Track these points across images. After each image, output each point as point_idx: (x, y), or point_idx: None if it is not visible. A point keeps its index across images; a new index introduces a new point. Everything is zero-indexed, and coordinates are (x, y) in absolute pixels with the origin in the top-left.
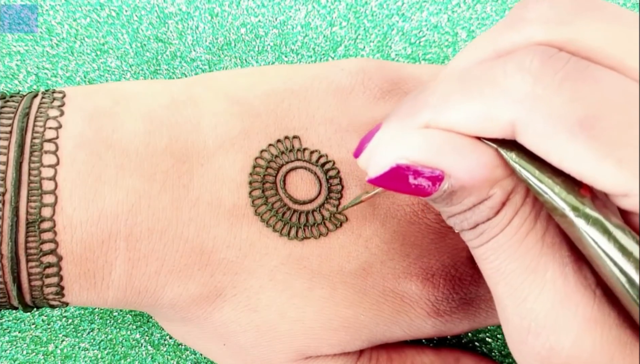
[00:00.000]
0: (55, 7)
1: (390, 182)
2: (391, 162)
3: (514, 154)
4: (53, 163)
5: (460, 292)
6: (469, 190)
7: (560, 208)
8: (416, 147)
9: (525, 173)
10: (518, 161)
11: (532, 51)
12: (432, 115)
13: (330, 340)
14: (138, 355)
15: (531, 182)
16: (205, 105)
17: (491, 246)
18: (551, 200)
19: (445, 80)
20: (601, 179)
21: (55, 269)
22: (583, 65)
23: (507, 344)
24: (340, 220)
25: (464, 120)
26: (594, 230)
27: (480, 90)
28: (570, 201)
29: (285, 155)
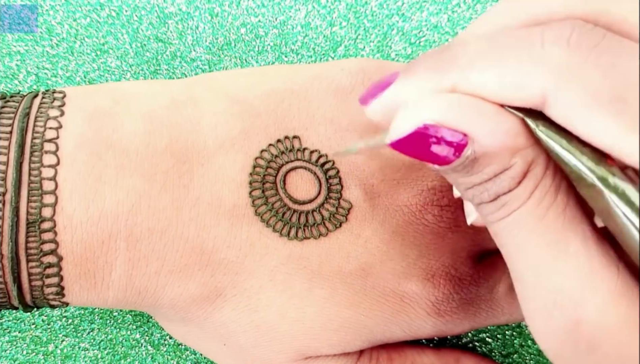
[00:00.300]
0: (55, 7)
1: (412, 147)
2: (416, 123)
3: (540, 123)
4: (53, 164)
5: (461, 292)
6: (491, 157)
7: (588, 178)
8: (441, 109)
9: (552, 143)
10: (544, 130)
11: (571, 23)
12: (461, 76)
13: (330, 340)
14: (138, 355)
15: (557, 151)
16: (205, 105)
17: (512, 219)
18: (578, 170)
19: (476, 41)
20: (629, 152)
21: (55, 269)
22: (617, 40)
23: (507, 345)
24: (340, 220)
25: (494, 85)
26: (622, 199)
27: (515, 55)
28: (599, 171)
29: (285, 155)
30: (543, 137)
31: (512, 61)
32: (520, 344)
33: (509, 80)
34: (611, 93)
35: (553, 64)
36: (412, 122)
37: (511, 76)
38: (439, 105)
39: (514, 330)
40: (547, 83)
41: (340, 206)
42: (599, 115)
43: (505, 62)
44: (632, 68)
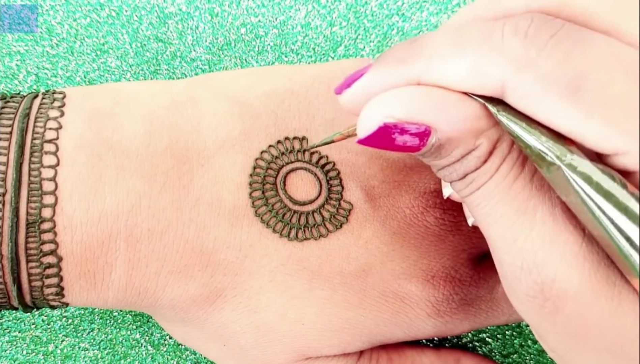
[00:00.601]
0: (55, 7)
1: (379, 141)
2: (378, 121)
3: (500, 108)
4: (53, 164)
5: (461, 293)
6: (455, 142)
7: (548, 157)
8: (402, 105)
9: (511, 125)
10: (504, 115)
11: (530, 16)
12: (425, 66)
13: (330, 341)
14: (138, 355)
15: (518, 133)
16: (205, 106)
17: (481, 193)
18: (538, 149)
19: (442, 32)
20: (588, 137)
21: (55, 269)
22: (576, 29)
23: (507, 345)
24: (340, 221)
25: (456, 75)
26: (579, 176)
27: (475, 46)
28: (557, 149)
29: (285, 156)
30: (503, 120)
31: (473, 52)
32: (520, 344)
33: (469, 70)
34: (567, 81)
35: (510, 55)
36: (374, 120)
37: (471, 65)
38: (398, 102)
39: (514, 330)
40: (505, 73)
41: (341, 207)
42: (556, 104)
43: (466, 52)
44: (589, 56)
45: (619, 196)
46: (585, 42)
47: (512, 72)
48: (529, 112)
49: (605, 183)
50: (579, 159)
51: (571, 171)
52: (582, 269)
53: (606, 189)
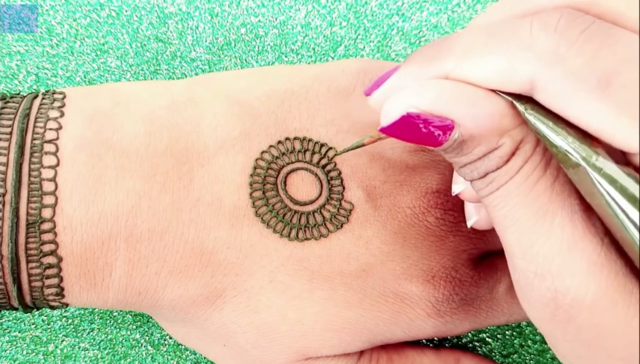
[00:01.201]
0: (55, 7)
1: (401, 131)
2: (402, 110)
3: (528, 106)
4: (53, 164)
5: (461, 293)
6: (478, 139)
7: (573, 157)
8: (427, 96)
9: (538, 125)
10: (532, 113)
11: (559, 11)
12: (454, 64)
13: (330, 341)
14: (138, 355)
15: (544, 132)
16: (205, 106)
17: (500, 193)
18: (564, 150)
19: (471, 31)
20: (616, 136)
21: (55, 270)
22: (606, 26)
23: (507, 345)
24: (341, 221)
25: (485, 73)
26: (605, 178)
27: (504, 44)
28: (584, 151)
29: (286, 156)
30: (530, 118)
31: (501, 49)
32: (520, 344)
33: (498, 68)
34: (597, 78)
35: (539, 51)
36: (398, 109)
37: (501, 63)
38: (423, 93)
39: (514, 330)
40: (534, 70)
41: (342, 208)
42: (585, 100)
43: (494, 49)
44: (620, 53)
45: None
46: (616, 39)
47: (541, 68)
48: (558, 109)
49: (630, 186)
50: (604, 161)
51: (596, 172)
52: (599, 277)
53: (631, 192)
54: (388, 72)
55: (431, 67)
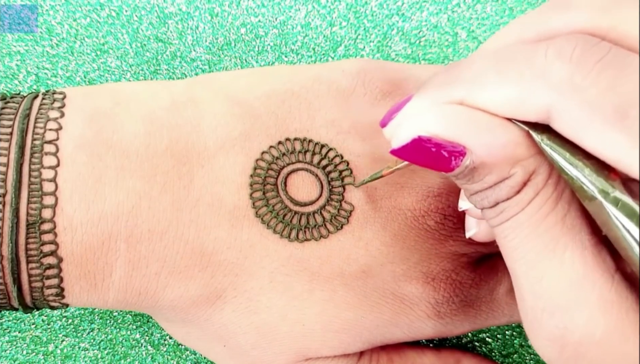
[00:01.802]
0: (55, 7)
1: (412, 154)
2: (413, 134)
3: (544, 136)
4: (53, 165)
5: (461, 295)
6: (490, 167)
7: (589, 190)
8: (439, 121)
9: (555, 156)
10: (549, 143)
11: (575, 38)
12: (466, 92)
13: (330, 342)
14: (138, 355)
15: (561, 164)
16: (205, 106)
17: (510, 224)
18: (580, 182)
19: (483, 57)
20: (633, 166)
21: (55, 270)
22: (623, 54)
23: (507, 345)
24: (341, 222)
25: (498, 101)
26: (622, 213)
27: (518, 72)
28: (600, 184)
29: (286, 157)
30: (547, 149)
31: (515, 77)
32: (520, 344)
33: (512, 96)
34: (613, 108)
35: (555, 80)
36: (410, 132)
37: (514, 92)
38: (435, 117)
39: (514, 330)
40: (550, 99)
41: (342, 209)
42: (601, 131)
43: (508, 77)
44: (634, 81)
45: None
46: (633, 68)
47: (557, 97)
48: (574, 139)
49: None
50: (620, 195)
51: (612, 205)
52: (610, 313)
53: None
54: (401, 102)
55: (444, 93)
